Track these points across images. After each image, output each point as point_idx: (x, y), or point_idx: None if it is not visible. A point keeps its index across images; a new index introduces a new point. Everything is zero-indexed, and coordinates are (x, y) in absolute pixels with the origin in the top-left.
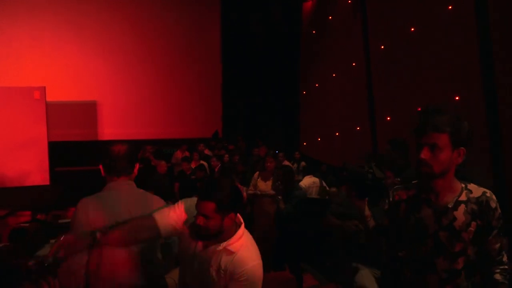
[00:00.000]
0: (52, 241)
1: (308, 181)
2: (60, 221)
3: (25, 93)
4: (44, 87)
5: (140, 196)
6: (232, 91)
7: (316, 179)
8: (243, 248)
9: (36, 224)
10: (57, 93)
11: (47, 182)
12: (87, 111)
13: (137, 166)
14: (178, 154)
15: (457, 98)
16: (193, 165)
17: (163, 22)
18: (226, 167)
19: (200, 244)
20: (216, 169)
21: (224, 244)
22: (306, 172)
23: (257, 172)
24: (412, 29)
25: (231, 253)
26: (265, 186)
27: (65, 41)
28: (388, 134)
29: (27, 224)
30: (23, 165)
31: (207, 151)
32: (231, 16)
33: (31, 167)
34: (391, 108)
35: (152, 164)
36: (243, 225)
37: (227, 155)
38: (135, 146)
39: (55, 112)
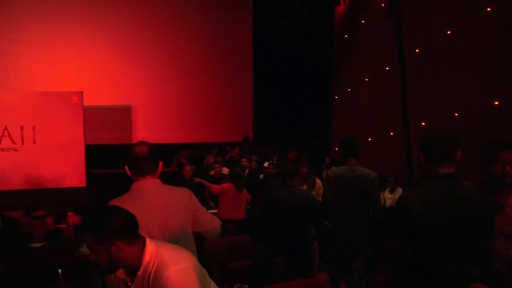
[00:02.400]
0: None
1: None
2: None
3: (64, 98)
4: (82, 92)
5: (167, 192)
6: (263, 95)
7: None
8: (157, 261)
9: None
10: (94, 97)
11: (83, 184)
12: (122, 115)
13: (161, 164)
14: (211, 159)
15: (496, 103)
16: (217, 169)
17: (195, 27)
18: (235, 172)
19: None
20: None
21: (138, 272)
22: None
23: None
24: (449, 32)
25: (148, 274)
26: None
27: (102, 47)
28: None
29: (64, 225)
30: (61, 167)
31: (236, 156)
32: (262, 21)
33: (68, 169)
34: (426, 113)
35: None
36: (147, 240)
37: (254, 162)
38: (157, 146)
39: (91, 116)
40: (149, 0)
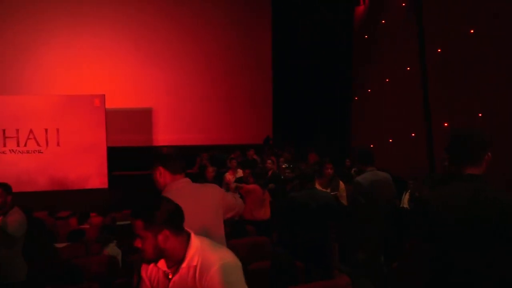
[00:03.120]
0: (115, 241)
1: None
2: (117, 223)
3: (86, 101)
4: (104, 95)
5: (200, 190)
6: (283, 97)
7: None
8: (201, 255)
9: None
10: (115, 100)
11: (105, 186)
12: (143, 117)
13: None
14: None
15: None
16: (231, 174)
17: (215, 30)
18: (259, 172)
19: (166, 280)
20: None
21: (182, 264)
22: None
23: None
24: (472, 30)
25: (193, 268)
26: None
27: (123, 50)
28: (445, 141)
29: (87, 226)
30: (83, 169)
31: (255, 156)
32: (282, 22)
33: (91, 171)
34: (449, 114)
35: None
36: (192, 235)
37: (269, 161)
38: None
39: (113, 118)
40: (169, 3)
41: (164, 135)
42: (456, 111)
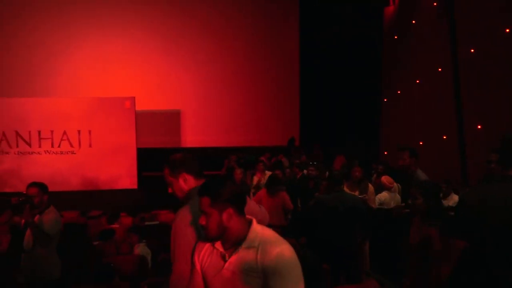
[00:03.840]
0: (144, 241)
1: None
2: (146, 223)
3: (117, 103)
4: (134, 97)
5: None
6: (311, 98)
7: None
8: (262, 239)
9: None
10: (145, 102)
11: (135, 186)
12: (172, 119)
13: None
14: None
15: None
16: (258, 176)
17: (242, 32)
18: (272, 176)
19: (221, 261)
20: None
21: (242, 244)
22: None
23: None
24: (507, 30)
25: (253, 249)
26: None
27: (153, 53)
28: (478, 143)
29: (117, 225)
30: (114, 169)
31: (283, 159)
32: (310, 23)
33: (121, 172)
34: (482, 116)
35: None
36: (254, 221)
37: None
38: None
39: (142, 120)
40: (197, 7)
41: (192, 136)
42: (489, 113)
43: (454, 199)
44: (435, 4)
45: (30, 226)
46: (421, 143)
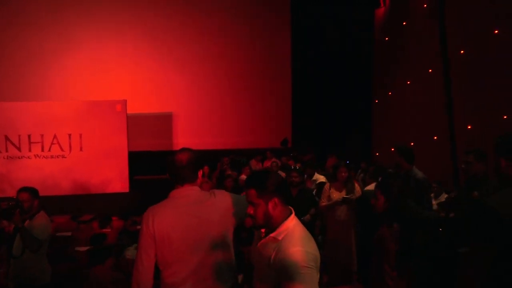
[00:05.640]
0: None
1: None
2: (138, 227)
3: (108, 106)
4: (125, 100)
5: (205, 199)
6: (303, 100)
7: None
8: (288, 235)
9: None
10: (136, 105)
11: (126, 190)
12: (164, 122)
13: (200, 172)
14: (253, 163)
15: None
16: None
17: (234, 35)
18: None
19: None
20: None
21: (273, 233)
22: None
23: (327, 184)
24: (496, 31)
25: (277, 241)
26: (339, 196)
27: (144, 56)
28: (469, 143)
29: (109, 230)
30: (105, 173)
31: (285, 161)
32: (301, 24)
33: (112, 175)
34: (472, 117)
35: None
36: (293, 214)
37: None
38: (198, 153)
39: (134, 123)
40: (189, 9)
41: (184, 139)
42: (480, 114)
43: (444, 199)
44: (425, 5)
45: (20, 231)
46: (412, 143)
